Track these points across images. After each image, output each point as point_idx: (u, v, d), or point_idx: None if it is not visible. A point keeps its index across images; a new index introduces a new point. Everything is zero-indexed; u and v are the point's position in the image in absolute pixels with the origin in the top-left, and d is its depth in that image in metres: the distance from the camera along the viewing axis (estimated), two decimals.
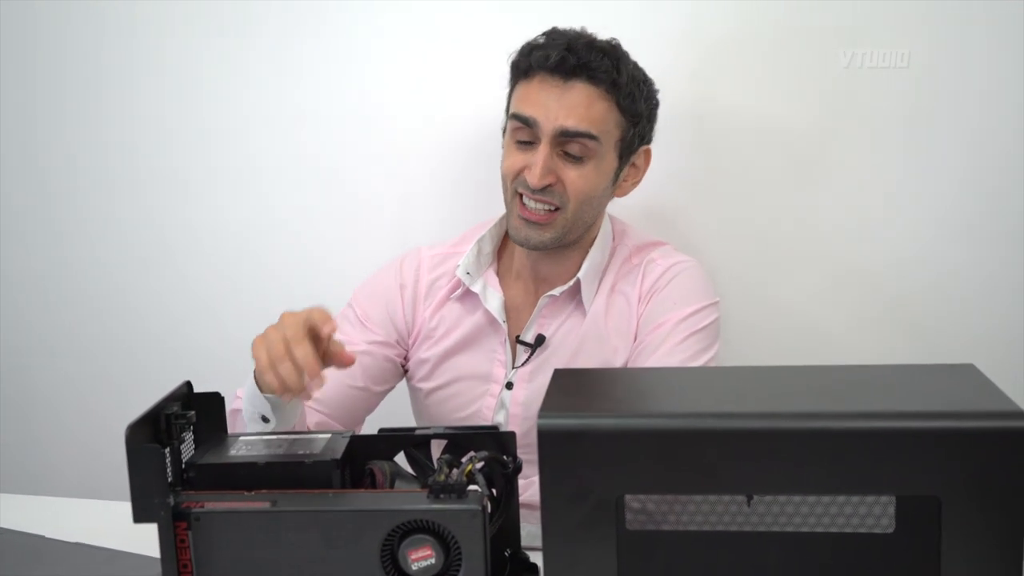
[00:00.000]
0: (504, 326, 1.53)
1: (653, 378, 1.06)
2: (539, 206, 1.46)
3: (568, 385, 0.95)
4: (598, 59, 1.43)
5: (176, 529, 0.97)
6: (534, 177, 1.43)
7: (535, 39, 1.48)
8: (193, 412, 1.05)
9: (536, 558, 0.99)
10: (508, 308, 1.55)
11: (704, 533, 0.96)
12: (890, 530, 0.94)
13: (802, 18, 1.69)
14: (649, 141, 1.55)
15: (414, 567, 0.95)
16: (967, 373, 0.90)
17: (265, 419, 1.29)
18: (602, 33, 1.48)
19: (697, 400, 0.91)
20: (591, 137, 1.43)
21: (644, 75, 1.50)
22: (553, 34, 1.48)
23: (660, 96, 1.54)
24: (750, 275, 1.79)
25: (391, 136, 1.87)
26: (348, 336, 1.52)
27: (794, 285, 1.79)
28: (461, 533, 0.94)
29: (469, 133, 1.82)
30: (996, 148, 1.68)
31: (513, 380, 1.53)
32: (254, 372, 1.26)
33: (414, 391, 1.61)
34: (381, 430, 1.11)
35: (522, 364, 1.52)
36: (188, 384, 1.09)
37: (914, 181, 1.72)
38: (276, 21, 1.88)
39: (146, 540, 1.01)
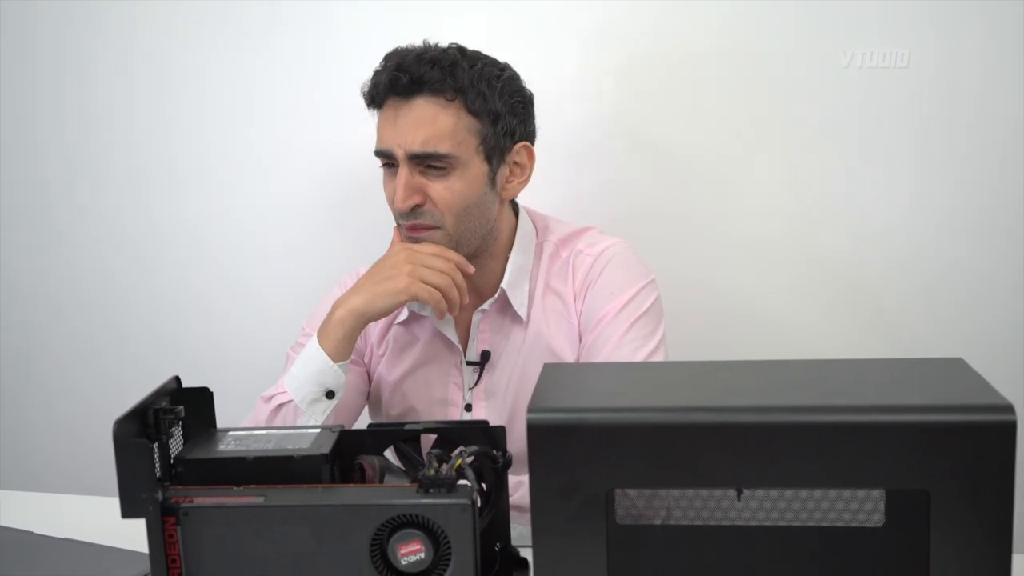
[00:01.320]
0: (460, 347, 1.51)
1: (643, 372, 1.06)
2: (414, 225, 1.43)
3: (557, 379, 0.94)
4: (428, 70, 1.40)
5: (164, 524, 0.96)
6: (398, 200, 1.41)
7: (378, 65, 1.45)
8: (182, 407, 1.05)
9: (526, 554, 0.99)
10: (457, 329, 1.52)
11: (694, 527, 0.96)
12: (880, 524, 0.94)
13: (802, 18, 1.69)
14: (525, 137, 1.48)
15: (404, 561, 0.95)
16: (956, 367, 0.90)
17: (331, 394, 1.33)
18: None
19: (687, 394, 0.91)
20: (444, 157, 1.40)
21: (498, 72, 1.44)
22: (389, 56, 1.45)
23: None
24: (742, 277, 1.79)
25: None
26: None
27: (789, 286, 1.79)
28: (451, 527, 0.94)
29: None
30: (995, 148, 1.68)
31: (471, 401, 1.51)
32: (316, 341, 1.36)
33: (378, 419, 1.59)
34: (370, 425, 1.12)
35: (475, 384, 1.50)
36: (177, 379, 1.09)
37: (912, 181, 1.72)
38: (274, 19, 1.88)
39: (135, 535, 1.01)
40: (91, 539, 1.27)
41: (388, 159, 1.44)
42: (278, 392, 1.40)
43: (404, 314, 1.53)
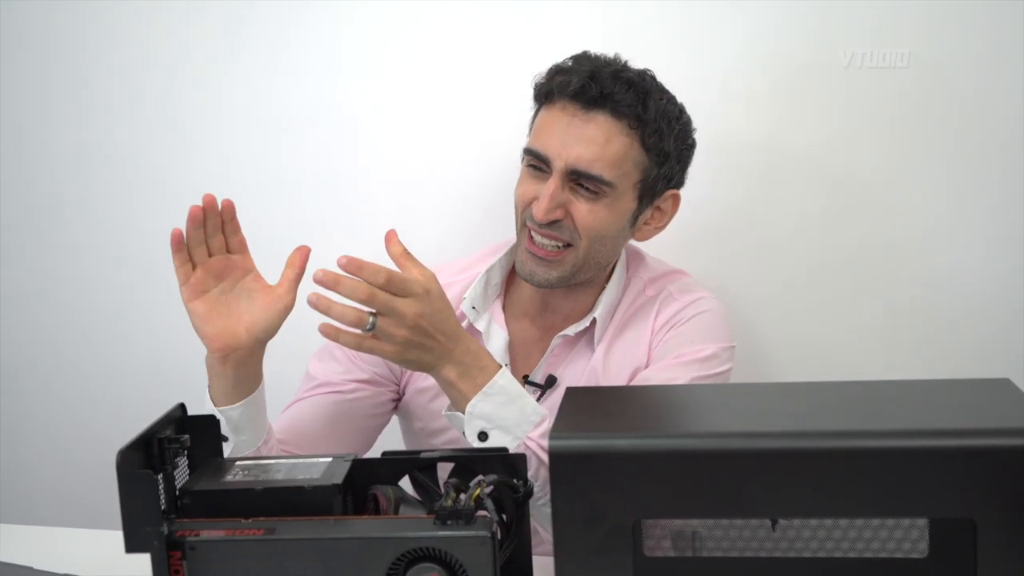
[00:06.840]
0: (506, 369, 1.42)
1: (670, 396, 1.04)
2: (546, 241, 1.38)
3: (581, 404, 0.92)
4: (622, 91, 1.34)
5: (170, 559, 0.94)
6: (540, 210, 1.35)
7: (563, 62, 1.40)
8: (187, 436, 1.02)
9: None
10: (514, 345, 1.46)
11: (727, 559, 0.93)
12: (924, 555, 0.91)
13: (802, 19, 1.69)
14: (679, 185, 1.45)
15: None
16: (1002, 388, 0.88)
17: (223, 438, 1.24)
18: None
19: (718, 419, 0.88)
20: (603, 183, 1.35)
21: (678, 112, 1.40)
22: (580, 59, 1.39)
23: None
24: (755, 282, 1.77)
25: (392, 144, 1.84)
26: (329, 376, 1.44)
27: (799, 289, 1.77)
28: (469, 561, 0.91)
29: (475, 141, 1.79)
30: (995, 148, 1.68)
31: None
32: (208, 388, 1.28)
33: (413, 435, 1.53)
34: (384, 453, 1.08)
35: None
36: (182, 407, 1.06)
37: (913, 182, 1.71)
38: (272, 23, 1.86)
39: (139, 571, 0.98)
40: (93, 575, 1.23)
41: (540, 162, 1.38)
42: None
43: (464, 324, 1.43)
